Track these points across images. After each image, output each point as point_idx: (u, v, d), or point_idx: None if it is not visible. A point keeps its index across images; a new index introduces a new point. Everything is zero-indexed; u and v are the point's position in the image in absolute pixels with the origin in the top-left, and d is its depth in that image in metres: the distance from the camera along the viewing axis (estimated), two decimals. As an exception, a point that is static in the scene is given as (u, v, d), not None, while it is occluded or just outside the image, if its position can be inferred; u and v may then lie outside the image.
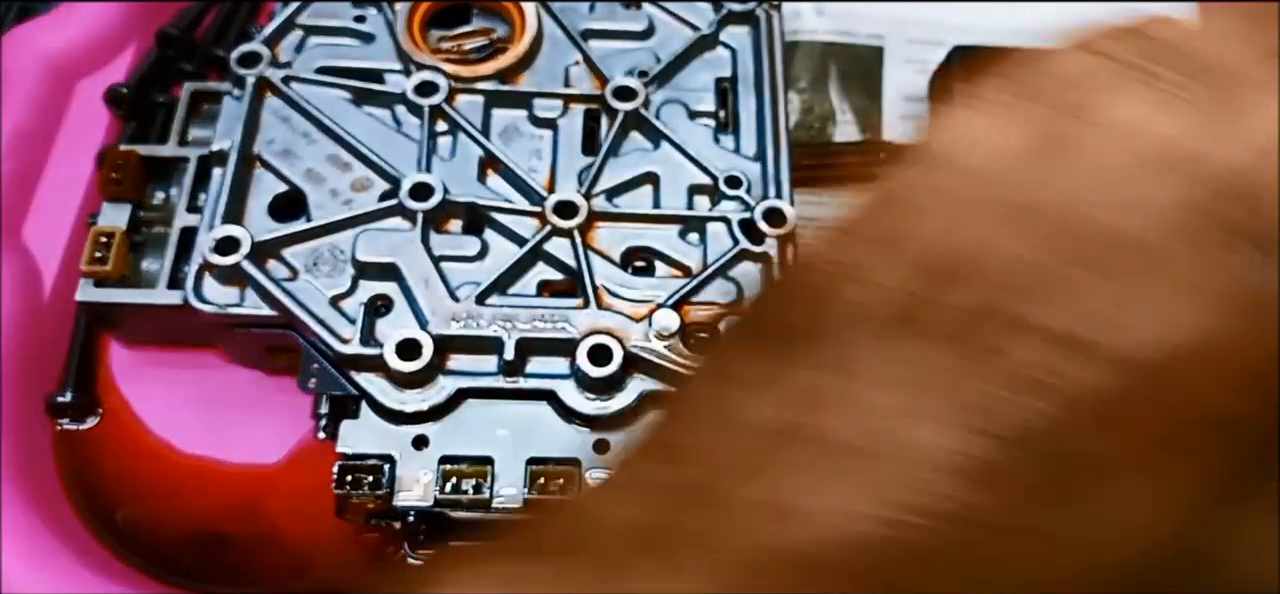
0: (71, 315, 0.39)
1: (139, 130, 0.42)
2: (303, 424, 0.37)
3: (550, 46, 0.40)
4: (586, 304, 0.34)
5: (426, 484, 0.32)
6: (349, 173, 0.37)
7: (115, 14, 0.44)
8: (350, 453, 0.32)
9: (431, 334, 0.33)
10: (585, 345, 0.33)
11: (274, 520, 0.37)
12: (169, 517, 0.37)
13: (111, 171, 0.37)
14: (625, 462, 0.18)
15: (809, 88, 0.47)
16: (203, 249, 0.34)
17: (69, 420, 0.38)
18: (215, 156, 0.37)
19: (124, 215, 0.37)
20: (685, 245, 0.36)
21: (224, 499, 0.37)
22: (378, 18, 0.41)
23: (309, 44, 0.40)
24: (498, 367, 0.33)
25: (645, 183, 0.38)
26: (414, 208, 0.35)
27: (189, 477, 0.37)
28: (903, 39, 0.48)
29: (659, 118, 0.39)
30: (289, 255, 0.35)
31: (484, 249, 0.35)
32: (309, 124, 0.38)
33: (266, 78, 0.38)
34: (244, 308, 0.34)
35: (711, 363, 0.19)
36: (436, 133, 0.38)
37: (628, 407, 0.33)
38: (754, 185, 0.37)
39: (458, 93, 0.39)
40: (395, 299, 0.34)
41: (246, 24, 0.46)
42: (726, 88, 0.40)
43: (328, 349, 0.33)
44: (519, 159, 0.37)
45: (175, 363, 0.39)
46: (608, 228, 0.36)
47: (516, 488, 0.32)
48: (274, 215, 0.36)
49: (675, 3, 0.42)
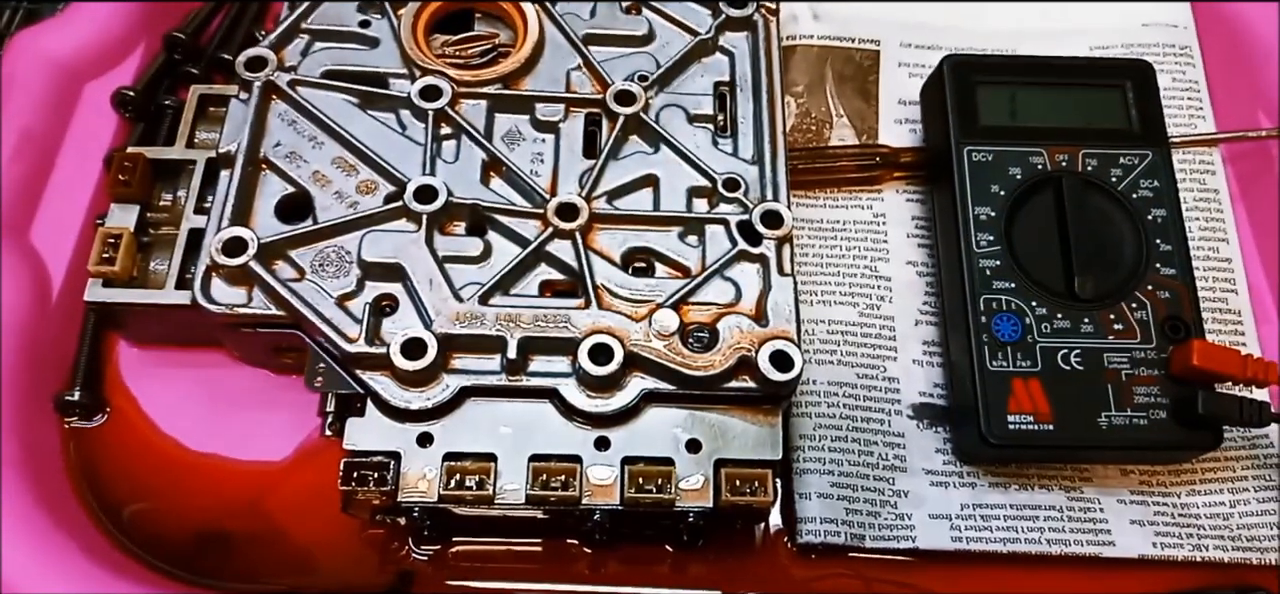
0: (79, 315, 0.39)
1: (146, 133, 0.43)
2: (308, 422, 0.37)
3: (552, 51, 0.41)
4: (587, 304, 0.34)
5: (431, 481, 0.32)
6: (354, 175, 0.37)
7: (123, 17, 0.45)
8: (356, 450, 0.33)
9: (436, 333, 0.33)
10: (586, 345, 0.33)
11: (280, 517, 0.37)
12: (175, 514, 0.38)
13: (119, 173, 0.38)
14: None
15: (806, 92, 0.47)
16: (210, 250, 0.34)
17: (77, 418, 0.39)
18: (222, 159, 0.37)
19: (132, 216, 0.38)
20: (684, 246, 0.37)
21: (230, 496, 0.38)
22: (382, 23, 0.41)
23: (314, 48, 0.40)
24: (500, 365, 0.34)
25: (645, 185, 0.38)
26: (418, 210, 0.36)
27: (196, 474, 0.38)
28: (898, 43, 0.49)
29: (659, 121, 0.39)
30: (295, 256, 0.35)
31: (487, 250, 0.36)
32: (315, 127, 0.38)
33: (273, 82, 0.38)
34: (251, 308, 0.34)
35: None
36: (440, 136, 0.38)
37: (628, 404, 0.33)
38: (752, 188, 0.38)
39: (461, 97, 0.39)
40: (400, 299, 0.34)
41: (253, 28, 0.47)
42: (725, 92, 0.41)
43: (334, 348, 0.33)
44: (521, 162, 0.38)
45: (182, 362, 0.40)
46: (608, 229, 0.37)
47: (519, 484, 0.33)
48: (280, 217, 0.36)
49: (675, 5, 0.42)
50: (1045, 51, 0.45)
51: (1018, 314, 0.37)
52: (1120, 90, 0.42)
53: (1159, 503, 0.38)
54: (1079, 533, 0.37)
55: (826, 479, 0.38)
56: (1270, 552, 0.37)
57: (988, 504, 0.38)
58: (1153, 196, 0.40)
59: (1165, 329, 0.37)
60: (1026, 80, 0.42)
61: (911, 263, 0.43)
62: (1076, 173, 0.40)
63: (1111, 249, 0.39)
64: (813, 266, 0.43)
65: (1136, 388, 0.36)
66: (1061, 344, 0.37)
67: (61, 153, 0.42)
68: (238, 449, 0.38)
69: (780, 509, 0.38)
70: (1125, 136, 0.41)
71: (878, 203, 0.45)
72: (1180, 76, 0.48)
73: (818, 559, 0.37)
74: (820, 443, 0.39)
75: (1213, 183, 0.45)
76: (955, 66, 0.42)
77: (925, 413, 0.40)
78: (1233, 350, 0.37)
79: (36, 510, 0.35)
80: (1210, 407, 0.35)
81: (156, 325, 0.38)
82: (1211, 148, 0.46)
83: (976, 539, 0.37)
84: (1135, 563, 0.37)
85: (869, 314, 0.42)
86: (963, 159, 0.40)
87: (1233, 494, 0.39)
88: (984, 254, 0.39)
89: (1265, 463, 0.39)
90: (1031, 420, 0.36)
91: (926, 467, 0.39)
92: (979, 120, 0.41)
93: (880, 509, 0.38)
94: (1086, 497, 0.38)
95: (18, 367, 0.37)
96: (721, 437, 0.34)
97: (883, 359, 0.41)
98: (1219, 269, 0.43)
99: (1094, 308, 0.38)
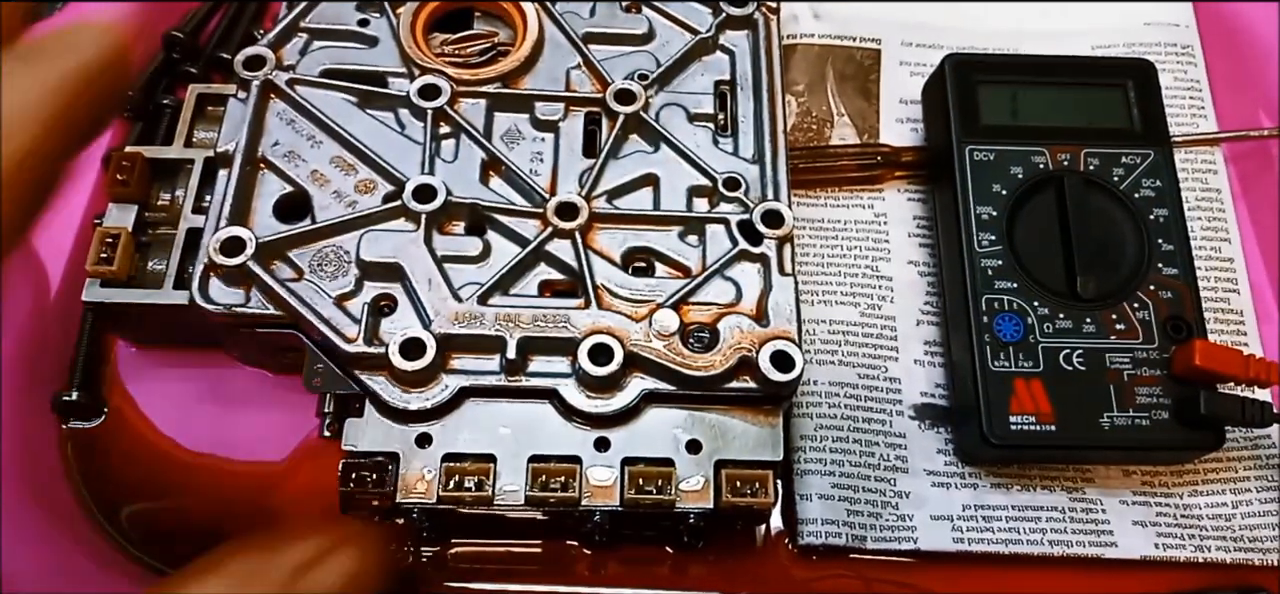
0: (77, 315, 0.39)
1: (144, 132, 0.43)
2: (307, 423, 0.37)
3: (551, 50, 0.41)
4: (587, 304, 0.34)
5: (430, 482, 0.32)
6: (353, 175, 0.37)
7: (121, 16, 0.44)
8: (354, 451, 0.33)
9: (434, 334, 0.33)
10: (586, 345, 0.33)
11: (279, 518, 0.37)
12: (174, 515, 0.37)
13: (117, 173, 0.38)
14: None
15: (806, 91, 0.47)
16: (208, 249, 0.34)
17: (75, 419, 0.38)
18: (220, 158, 0.37)
19: (130, 216, 0.37)
20: (684, 246, 0.36)
21: (229, 497, 0.37)
22: (381, 22, 0.41)
23: (313, 47, 0.40)
24: (500, 366, 0.34)
25: (645, 184, 0.38)
26: (417, 209, 0.35)
27: (194, 475, 0.38)
28: (899, 42, 0.49)
29: (659, 120, 0.39)
30: (294, 256, 0.35)
31: (486, 250, 0.36)
32: (313, 126, 0.38)
33: (271, 81, 0.38)
34: (249, 308, 0.34)
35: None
36: (439, 135, 0.38)
37: (628, 405, 0.33)
38: (752, 187, 0.38)
39: (460, 96, 0.39)
40: (399, 299, 0.34)
41: (251, 27, 0.47)
42: (725, 91, 0.41)
43: (332, 349, 0.33)
44: (521, 161, 0.38)
45: (180, 362, 0.40)
46: (608, 229, 0.36)
47: (519, 485, 0.32)
48: (279, 216, 0.36)
49: (675, 3, 0.42)
50: (1047, 51, 0.45)
51: (1019, 314, 0.37)
52: (1122, 90, 0.42)
53: (1161, 504, 0.38)
54: (1081, 534, 0.37)
55: (827, 480, 0.38)
56: (1272, 552, 0.37)
57: (989, 505, 0.38)
58: (1155, 196, 0.40)
59: (1167, 329, 0.37)
60: (1028, 79, 0.42)
61: (913, 262, 0.43)
62: (1078, 172, 0.40)
63: (1113, 249, 0.39)
64: (814, 266, 0.43)
65: (1138, 388, 0.36)
66: (1063, 344, 0.37)
67: (59, 152, 0.42)
68: (236, 449, 0.38)
69: (781, 510, 0.38)
70: (1127, 136, 0.41)
71: (879, 202, 0.45)
72: (1182, 76, 0.48)
73: (819, 560, 0.37)
74: (821, 444, 0.39)
75: (1215, 182, 0.45)
76: (957, 65, 0.42)
77: (927, 413, 0.40)
78: (1235, 350, 0.36)
79: (35, 511, 0.35)
80: (1212, 407, 0.35)
81: (155, 325, 0.38)
82: (1213, 147, 0.46)
83: (978, 540, 0.37)
84: (1137, 564, 0.37)
85: (870, 314, 0.42)
86: (964, 158, 0.40)
87: (1235, 495, 0.39)
88: (986, 254, 0.38)
89: (1267, 463, 0.39)
90: (1033, 421, 0.36)
91: (928, 467, 0.39)
92: (980, 119, 0.41)
93: (881, 510, 0.38)
94: (1088, 497, 0.38)
95: (15, 367, 0.37)
96: (722, 437, 0.33)
97: (884, 359, 0.41)
98: (1221, 269, 0.43)
99: (1096, 308, 0.38)
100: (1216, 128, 0.47)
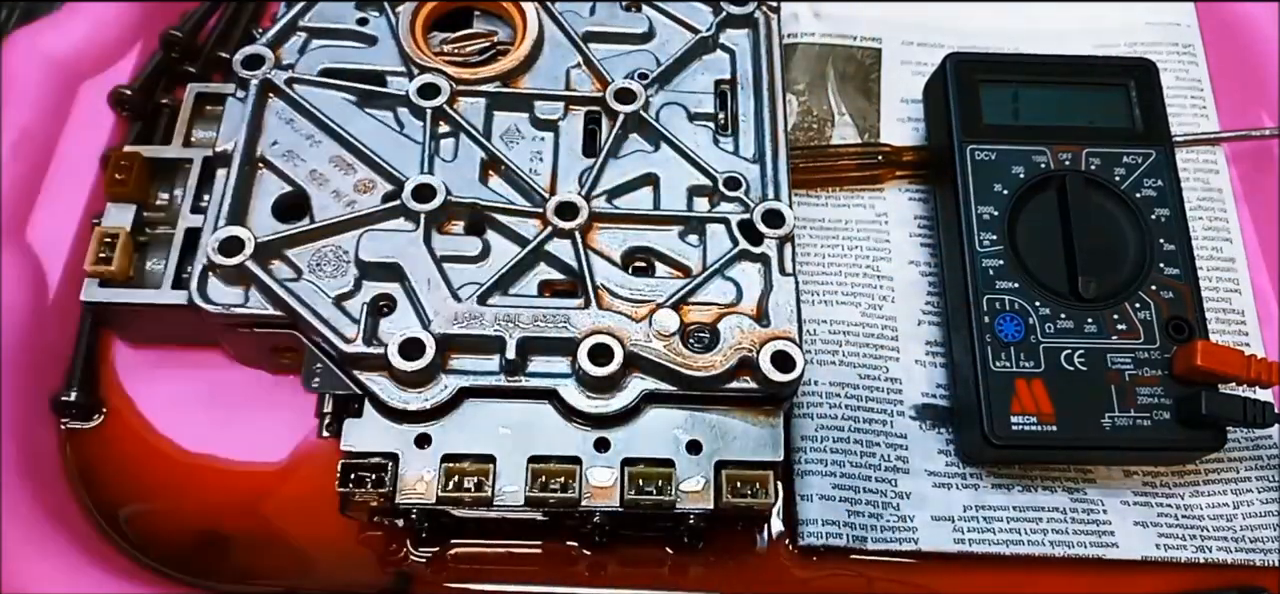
0: (76, 315, 0.39)
1: (143, 132, 0.43)
2: (306, 423, 0.37)
3: (551, 49, 0.41)
4: (587, 304, 0.34)
5: (429, 482, 0.32)
6: (352, 174, 0.37)
7: (120, 16, 0.44)
8: (353, 451, 0.32)
9: (434, 334, 0.33)
10: (586, 345, 0.33)
11: (278, 518, 0.37)
12: (173, 515, 0.37)
13: (116, 172, 0.38)
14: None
15: (807, 90, 0.47)
16: (207, 249, 0.34)
17: (74, 419, 0.38)
18: (219, 158, 0.37)
19: (128, 216, 0.37)
20: (685, 246, 0.36)
21: (227, 498, 0.37)
22: (380, 21, 0.41)
23: (312, 46, 0.40)
24: (499, 366, 0.33)
25: (645, 184, 0.38)
26: (417, 209, 0.35)
27: (193, 475, 0.38)
28: (900, 41, 0.49)
29: (659, 120, 0.39)
30: (293, 256, 0.35)
31: (486, 250, 0.36)
32: (312, 126, 0.38)
33: (270, 80, 0.38)
34: (248, 308, 0.34)
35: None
36: (439, 135, 0.38)
37: (628, 405, 0.33)
38: (753, 187, 0.37)
39: (460, 95, 0.39)
40: (398, 299, 0.34)
41: (250, 26, 0.46)
42: (726, 90, 0.41)
43: (331, 349, 0.33)
44: (520, 161, 0.38)
45: (179, 362, 0.39)
46: (608, 229, 0.36)
47: (518, 486, 0.32)
48: (278, 216, 0.36)
49: (675, 2, 0.42)
50: (1048, 50, 0.45)
51: (1021, 314, 0.37)
52: (1124, 89, 0.42)
53: (1162, 504, 0.38)
54: (1082, 534, 0.37)
55: (828, 480, 0.38)
56: (1273, 553, 0.37)
57: (990, 505, 0.38)
58: (1156, 196, 0.40)
59: (1168, 329, 0.37)
60: (1030, 79, 0.42)
61: (914, 262, 0.43)
62: (1080, 172, 0.40)
63: (1115, 249, 0.39)
64: (814, 266, 0.43)
65: (1140, 388, 0.36)
66: (1064, 344, 0.37)
67: (58, 152, 0.42)
68: (235, 450, 0.38)
69: (781, 511, 0.37)
70: (1129, 136, 0.41)
71: (880, 202, 0.45)
72: (1183, 76, 0.48)
73: (819, 561, 0.37)
74: (822, 444, 0.39)
75: (1216, 182, 0.45)
76: (958, 65, 0.42)
77: (928, 414, 0.40)
78: (1236, 351, 0.36)
79: (34, 511, 0.35)
80: (1213, 407, 0.35)
81: (153, 325, 0.38)
82: (1215, 147, 0.46)
83: (979, 541, 0.37)
84: (1138, 564, 0.37)
85: (871, 314, 0.42)
86: (965, 158, 0.40)
87: (1236, 495, 0.38)
88: (987, 253, 0.38)
89: (1268, 464, 0.39)
90: (1034, 421, 0.35)
91: (929, 468, 0.39)
92: (982, 119, 0.41)
93: (882, 511, 0.37)
94: (1089, 498, 0.38)
95: (14, 367, 0.37)
96: (722, 438, 0.33)
97: (885, 359, 0.41)
98: (1222, 269, 0.43)
99: (1097, 308, 0.38)
100: (1218, 127, 0.47)
